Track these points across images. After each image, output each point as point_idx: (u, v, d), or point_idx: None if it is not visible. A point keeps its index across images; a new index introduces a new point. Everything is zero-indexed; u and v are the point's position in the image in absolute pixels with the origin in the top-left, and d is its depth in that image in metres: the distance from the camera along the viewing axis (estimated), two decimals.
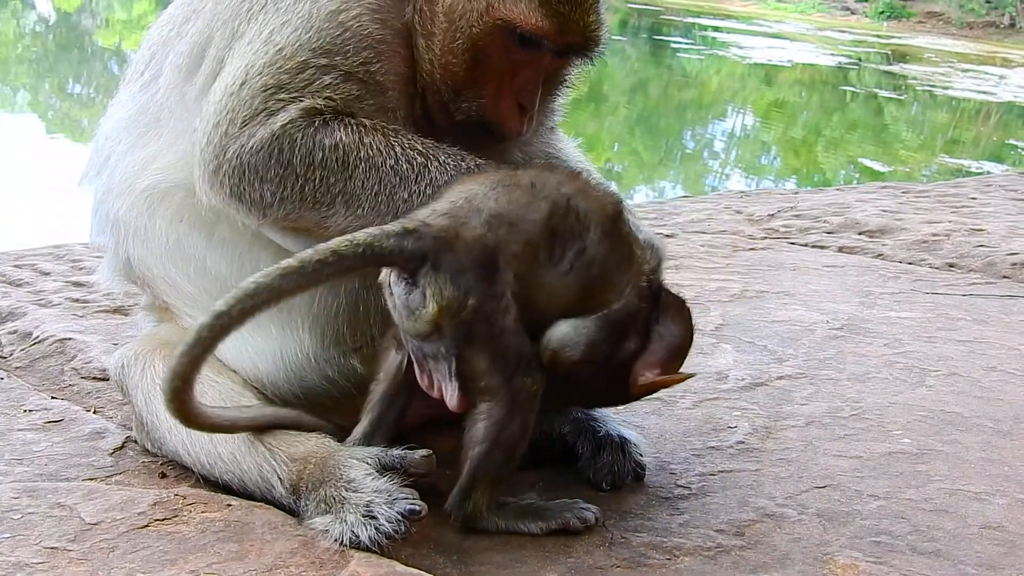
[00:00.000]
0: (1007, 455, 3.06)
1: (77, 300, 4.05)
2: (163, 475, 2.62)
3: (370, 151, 2.36)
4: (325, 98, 2.39)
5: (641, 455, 2.73)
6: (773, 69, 29.98)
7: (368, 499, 2.27)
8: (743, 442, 3.04)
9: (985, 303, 4.80)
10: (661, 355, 2.45)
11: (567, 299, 2.33)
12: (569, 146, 3.00)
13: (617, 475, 2.66)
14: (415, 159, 2.38)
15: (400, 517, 2.24)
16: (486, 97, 2.54)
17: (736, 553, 2.40)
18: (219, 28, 2.52)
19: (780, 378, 3.60)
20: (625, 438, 2.73)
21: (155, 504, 2.41)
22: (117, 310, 3.94)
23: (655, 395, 3.31)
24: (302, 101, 2.37)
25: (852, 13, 51.29)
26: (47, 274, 4.38)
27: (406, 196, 2.38)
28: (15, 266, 4.46)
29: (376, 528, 2.22)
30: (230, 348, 2.64)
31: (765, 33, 39.65)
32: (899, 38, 42.83)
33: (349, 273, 2.29)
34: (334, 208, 2.39)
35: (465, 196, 2.27)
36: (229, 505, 2.43)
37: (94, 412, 3.04)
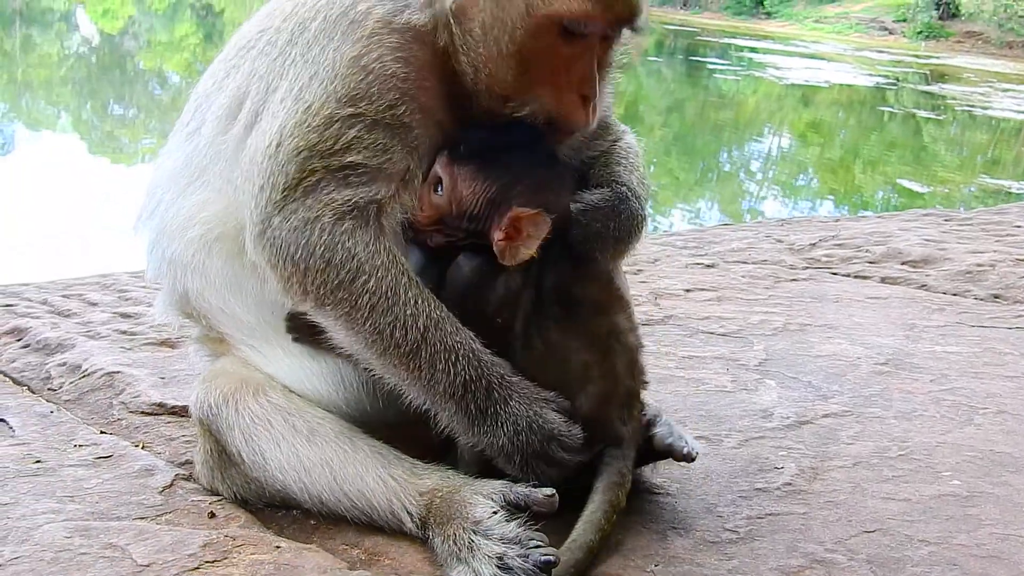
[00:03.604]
0: None
1: (125, 332, 4.10)
2: (212, 515, 2.64)
3: (379, 285, 2.41)
4: (355, 174, 2.43)
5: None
6: (810, 89, 29.85)
7: (500, 551, 2.29)
8: (790, 483, 3.01)
9: None
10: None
11: None
12: (624, 145, 2.91)
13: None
14: (410, 305, 2.42)
15: (536, 571, 2.26)
16: (545, 96, 2.52)
17: None
18: (255, 83, 2.59)
19: (826, 416, 3.57)
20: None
21: (205, 545, 2.43)
22: (164, 343, 3.99)
23: (700, 434, 3.30)
24: (331, 191, 2.42)
25: (890, 33, 50.98)
26: (95, 304, 4.44)
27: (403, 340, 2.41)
28: (63, 296, 4.53)
29: None
30: (290, 375, 2.68)
31: (802, 54, 39.51)
32: (937, 58, 42.51)
33: None
34: (337, 310, 2.45)
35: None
36: (278, 547, 2.44)
37: (142, 447, 3.07)
